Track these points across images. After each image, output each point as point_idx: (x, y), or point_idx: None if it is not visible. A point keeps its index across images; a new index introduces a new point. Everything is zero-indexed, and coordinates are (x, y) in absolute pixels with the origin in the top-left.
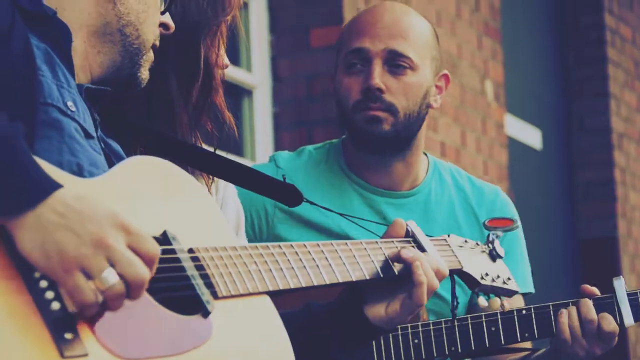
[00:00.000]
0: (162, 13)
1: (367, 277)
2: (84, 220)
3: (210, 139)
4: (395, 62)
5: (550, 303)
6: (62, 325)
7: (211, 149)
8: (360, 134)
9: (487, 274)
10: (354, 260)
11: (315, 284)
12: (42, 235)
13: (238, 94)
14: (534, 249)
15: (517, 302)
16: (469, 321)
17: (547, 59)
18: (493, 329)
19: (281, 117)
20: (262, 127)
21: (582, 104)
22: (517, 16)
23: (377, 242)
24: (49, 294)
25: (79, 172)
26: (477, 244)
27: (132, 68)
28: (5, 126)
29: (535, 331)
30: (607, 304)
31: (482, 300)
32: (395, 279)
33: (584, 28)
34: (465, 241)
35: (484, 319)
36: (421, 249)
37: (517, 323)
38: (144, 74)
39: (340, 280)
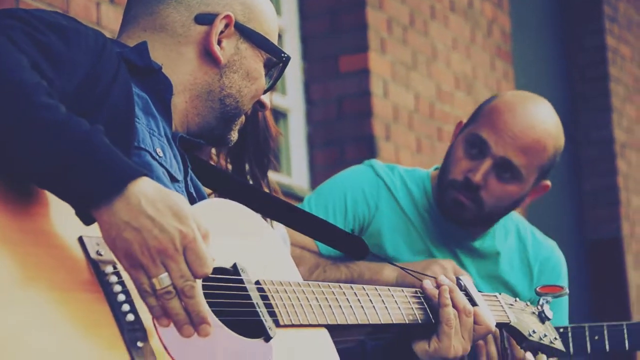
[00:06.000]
0: (265, 92)
1: (419, 321)
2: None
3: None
4: (505, 170)
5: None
6: (136, 335)
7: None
8: (443, 206)
9: (534, 332)
10: (408, 305)
11: (371, 322)
12: (133, 214)
13: (274, 116)
14: None
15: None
16: None
17: (555, 77)
18: None
19: (314, 136)
20: (297, 146)
21: (587, 118)
22: (527, 40)
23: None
24: (125, 307)
25: None
26: (526, 304)
27: (224, 130)
28: (88, 128)
29: None
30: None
31: (529, 356)
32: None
33: (587, 49)
34: (516, 300)
35: None
36: (472, 302)
37: None
38: (234, 136)
39: (394, 322)
